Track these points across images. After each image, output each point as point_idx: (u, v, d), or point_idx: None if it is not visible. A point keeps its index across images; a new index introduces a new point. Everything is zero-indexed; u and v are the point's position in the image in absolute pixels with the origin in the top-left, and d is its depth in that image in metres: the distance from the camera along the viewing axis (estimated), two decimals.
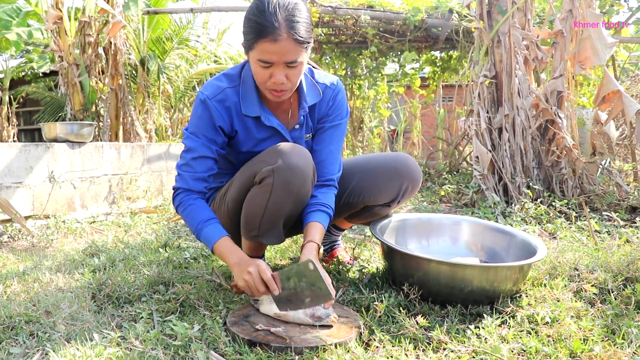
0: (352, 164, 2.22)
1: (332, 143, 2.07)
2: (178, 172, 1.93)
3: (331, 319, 1.66)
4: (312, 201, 1.94)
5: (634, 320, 1.67)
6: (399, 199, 2.17)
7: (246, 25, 1.71)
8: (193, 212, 1.86)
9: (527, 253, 2.06)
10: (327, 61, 8.09)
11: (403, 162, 2.15)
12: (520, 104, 4.22)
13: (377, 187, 2.13)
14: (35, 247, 3.07)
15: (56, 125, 4.13)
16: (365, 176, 2.15)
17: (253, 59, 1.73)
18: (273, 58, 1.67)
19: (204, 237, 1.82)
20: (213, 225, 1.82)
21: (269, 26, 1.62)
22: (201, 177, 1.90)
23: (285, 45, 1.64)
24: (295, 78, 1.76)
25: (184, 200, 1.89)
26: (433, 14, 6.64)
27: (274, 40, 1.63)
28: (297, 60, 1.70)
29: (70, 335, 1.63)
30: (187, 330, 1.55)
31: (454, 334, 1.60)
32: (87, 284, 2.13)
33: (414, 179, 2.15)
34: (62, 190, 3.90)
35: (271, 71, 1.71)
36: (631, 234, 2.87)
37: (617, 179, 4.17)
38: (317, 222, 1.88)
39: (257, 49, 1.67)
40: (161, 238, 3.07)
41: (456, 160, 6.44)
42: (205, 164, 1.90)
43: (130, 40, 6.79)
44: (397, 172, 2.13)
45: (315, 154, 2.04)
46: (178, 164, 1.94)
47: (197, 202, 1.88)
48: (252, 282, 1.66)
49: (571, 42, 4.18)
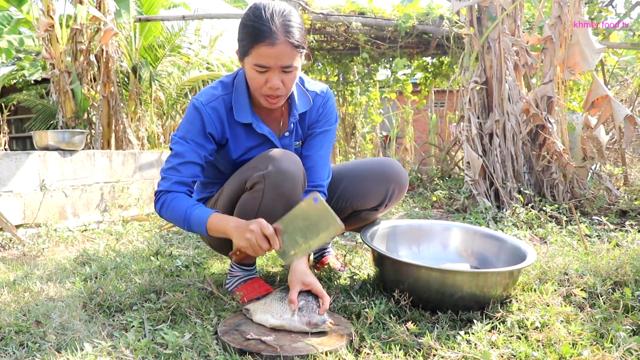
0: (340, 170, 2.24)
1: (322, 148, 2.09)
2: (162, 175, 1.91)
3: (327, 325, 1.66)
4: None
5: (622, 324, 1.68)
6: (387, 202, 2.18)
7: (242, 32, 1.74)
8: (177, 205, 1.83)
9: (517, 258, 2.07)
10: (319, 67, 8.10)
11: (390, 166, 2.17)
12: (510, 110, 4.25)
13: (364, 192, 2.15)
14: (26, 256, 3.06)
15: (47, 133, 4.12)
16: (352, 181, 2.17)
17: (249, 64, 1.75)
18: (270, 62, 1.70)
19: (194, 220, 1.79)
20: (201, 207, 1.82)
21: (266, 31, 1.66)
22: (185, 182, 1.88)
23: (282, 49, 1.68)
24: (290, 83, 1.79)
25: (166, 199, 1.86)
26: (424, 20, 6.68)
27: (271, 44, 1.67)
28: (292, 65, 1.73)
29: (60, 345, 1.62)
30: (178, 339, 1.55)
31: (444, 340, 1.61)
32: (78, 293, 2.12)
33: (400, 182, 2.17)
34: (54, 199, 3.89)
35: (267, 76, 1.74)
36: (621, 238, 2.89)
37: (607, 183, 4.20)
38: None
39: (254, 53, 1.70)
40: (153, 246, 3.06)
41: (448, 166, 6.46)
42: (191, 170, 1.89)
43: (122, 47, 6.78)
44: (384, 175, 2.15)
45: (305, 160, 2.05)
46: (163, 169, 1.92)
47: (179, 196, 1.86)
48: (254, 240, 1.66)
49: (560, 48, 4.21)
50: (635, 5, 6.04)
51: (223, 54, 12.27)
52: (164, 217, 1.90)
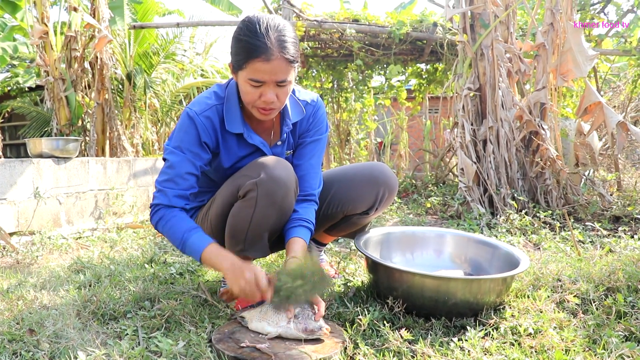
0: (330, 176, 2.25)
1: (313, 157, 2.10)
2: (158, 188, 1.89)
3: (323, 331, 1.66)
4: (294, 216, 1.95)
5: (614, 330, 1.69)
6: (377, 206, 2.19)
7: (236, 46, 1.73)
8: (176, 225, 1.82)
9: (510, 264, 2.08)
10: (313, 74, 8.12)
11: (379, 170, 2.19)
12: (504, 116, 4.27)
13: (354, 196, 2.16)
14: (20, 264, 3.05)
15: (41, 140, 4.11)
16: (342, 186, 2.18)
17: (243, 78, 1.74)
18: (265, 77, 1.70)
19: (190, 246, 1.78)
20: (199, 234, 1.80)
21: (262, 46, 1.65)
22: (183, 195, 1.88)
23: (277, 64, 1.68)
24: (284, 97, 1.80)
25: (164, 215, 1.85)
26: (418, 27, 6.71)
27: (267, 60, 1.66)
28: (286, 80, 1.73)
29: (54, 353, 1.62)
30: (172, 347, 1.55)
31: (437, 347, 1.62)
32: (72, 301, 2.12)
33: (390, 185, 2.18)
34: (48, 206, 3.88)
35: (261, 90, 1.74)
36: (614, 244, 2.91)
37: (600, 189, 4.22)
38: (299, 238, 1.89)
39: (249, 68, 1.70)
40: (147, 253, 3.06)
41: (442, 172, 6.48)
42: (188, 181, 1.88)
43: (116, 54, 6.79)
44: (373, 179, 2.16)
45: (296, 169, 2.05)
46: (158, 180, 1.90)
47: (179, 215, 1.85)
48: (248, 290, 1.67)
49: (553, 55, 4.24)
50: (626, 12, 6.09)
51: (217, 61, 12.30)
52: (160, 232, 1.88)
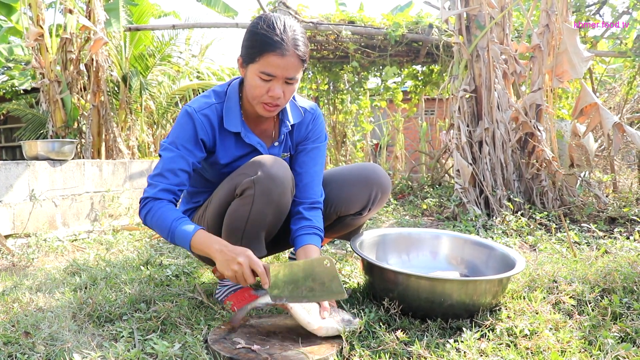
0: (324, 177, 2.25)
1: (316, 165, 2.12)
2: (149, 182, 1.89)
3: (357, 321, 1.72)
4: (307, 223, 1.99)
5: (610, 331, 1.69)
6: (370, 206, 2.19)
7: (252, 39, 1.77)
8: (163, 215, 1.81)
9: (506, 266, 2.08)
10: (309, 76, 8.13)
11: (372, 170, 2.20)
12: (500, 118, 4.28)
13: (348, 196, 2.16)
14: (16, 267, 3.04)
15: (37, 143, 4.11)
16: (335, 187, 2.19)
17: (254, 71, 1.78)
18: (277, 72, 1.75)
19: (179, 234, 1.77)
20: (187, 222, 1.80)
21: (278, 41, 1.72)
22: (172, 190, 1.87)
23: (290, 61, 1.74)
24: (290, 95, 1.84)
25: (152, 207, 1.84)
26: (414, 29, 6.71)
27: (282, 54, 1.72)
28: (295, 77, 1.79)
29: (49, 355, 1.61)
30: (168, 349, 1.55)
31: (433, 349, 1.62)
32: (67, 303, 2.11)
33: (382, 186, 2.18)
34: (43, 209, 3.87)
35: (270, 85, 1.78)
36: (610, 245, 2.91)
37: (595, 190, 4.23)
38: (314, 246, 1.94)
39: (262, 61, 1.74)
40: (143, 255, 3.05)
41: (438, 174, 6.49)
42: (178, 177, 1.88)
43: (112, 56, 6.77)
44: (366, 180, 2.17)
45: (300, 177, 2.07)
46: (150, 175, 1.90)
47: (167, 206, 1.84)
48: (240, 273, 1.67)
49: (549, 56, 4.26)
50: (622, 14, 6.11)
51: (214, 63, 12.28)
52: (149, 225, 1.87)
